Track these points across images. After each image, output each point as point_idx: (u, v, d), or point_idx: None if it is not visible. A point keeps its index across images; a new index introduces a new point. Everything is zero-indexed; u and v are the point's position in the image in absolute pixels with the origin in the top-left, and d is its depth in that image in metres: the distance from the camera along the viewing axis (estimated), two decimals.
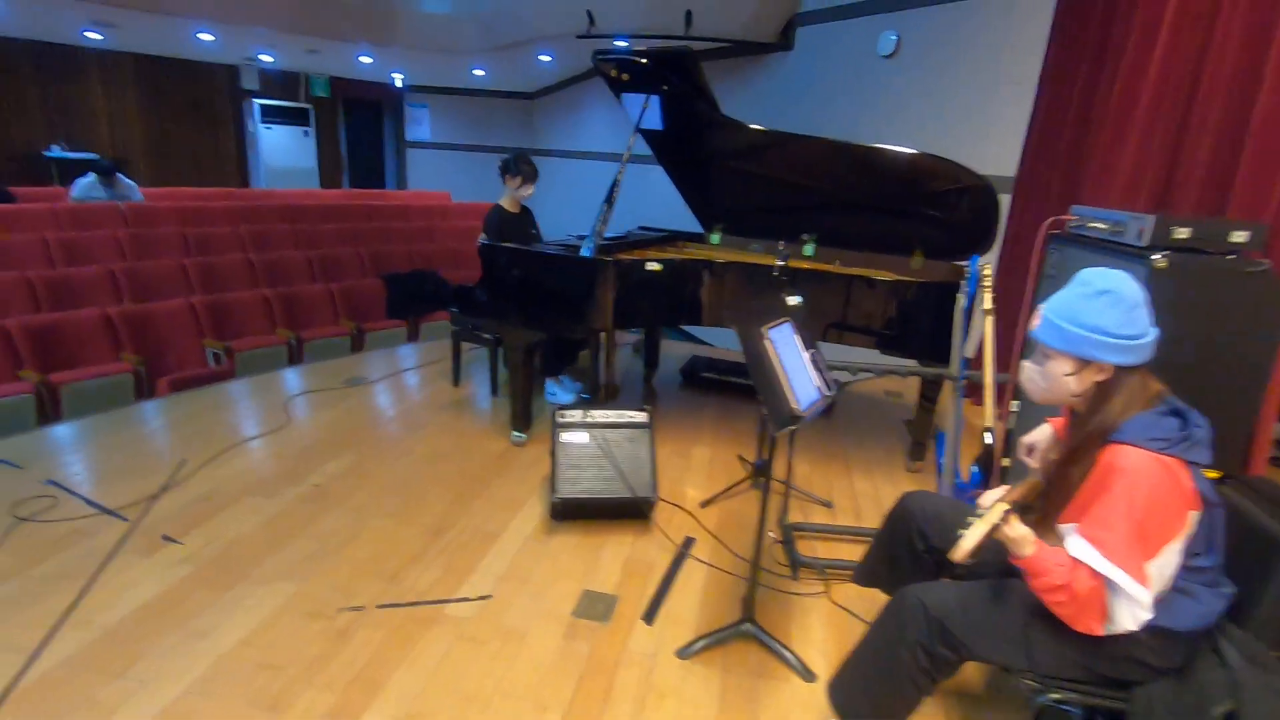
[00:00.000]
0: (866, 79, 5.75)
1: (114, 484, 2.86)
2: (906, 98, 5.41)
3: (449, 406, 3.92)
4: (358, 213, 8.43)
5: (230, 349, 4.70)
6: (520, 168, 3.81)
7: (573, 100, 10.33)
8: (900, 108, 5.46)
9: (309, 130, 9.97)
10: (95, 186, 6.88)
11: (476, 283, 3.27)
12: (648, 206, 7.10)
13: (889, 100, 5.57)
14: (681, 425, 3.82)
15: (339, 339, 5.34)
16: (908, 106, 5.40)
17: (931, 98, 5.20)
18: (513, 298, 3.15)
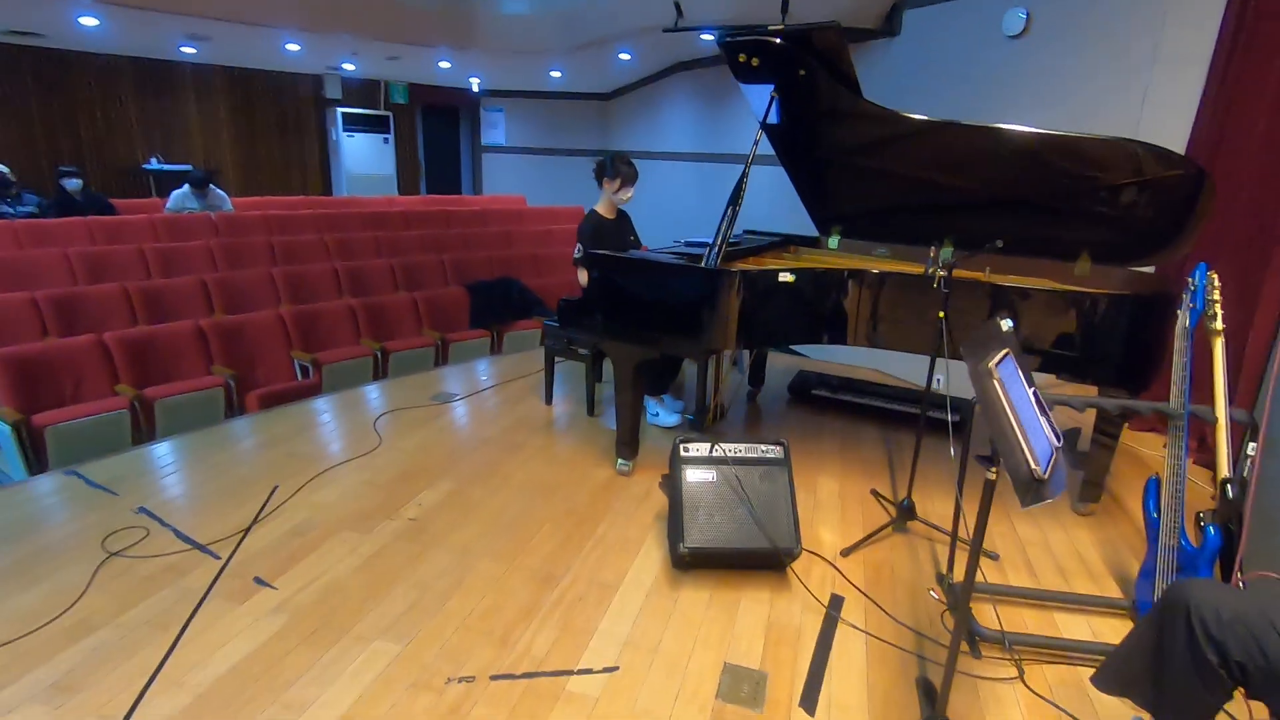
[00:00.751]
0: (985, 63, 5.20)
1: (205, 513, 2.69)
2: (1035, 81, 4.84)
3: (544, 427, 3.64)
4: (437, 219, 8.36)
5: (317, 361, 4.57)
6: (619, 169, 3.50)
7: (649, 99, 10.03)
8: (1026, 93, 4.90)
9: (388, 137, 10.01)
10: (189, 197, 6.99)
11: (582, 294, 2.96)
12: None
13: (1013, 85, 5.01)
14: (801, 453, 3.42)
15: (423, 350, 5.17)
16: (1036, 91, 4.83)
17: (1065, 80, 4.63)
18: (624, 312, 2.84)
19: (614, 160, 3.50)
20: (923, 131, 3.00)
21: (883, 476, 3.22)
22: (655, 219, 10.26)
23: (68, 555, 2.39)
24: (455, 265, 6.66)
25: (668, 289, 2.72)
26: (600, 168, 3.56)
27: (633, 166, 3.51)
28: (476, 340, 5.51)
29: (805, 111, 3.02)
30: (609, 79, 10.25)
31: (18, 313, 4.46)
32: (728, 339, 2.67)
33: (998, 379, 1.41)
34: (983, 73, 5.23)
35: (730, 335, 2.66)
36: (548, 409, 3.90)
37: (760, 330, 2.71)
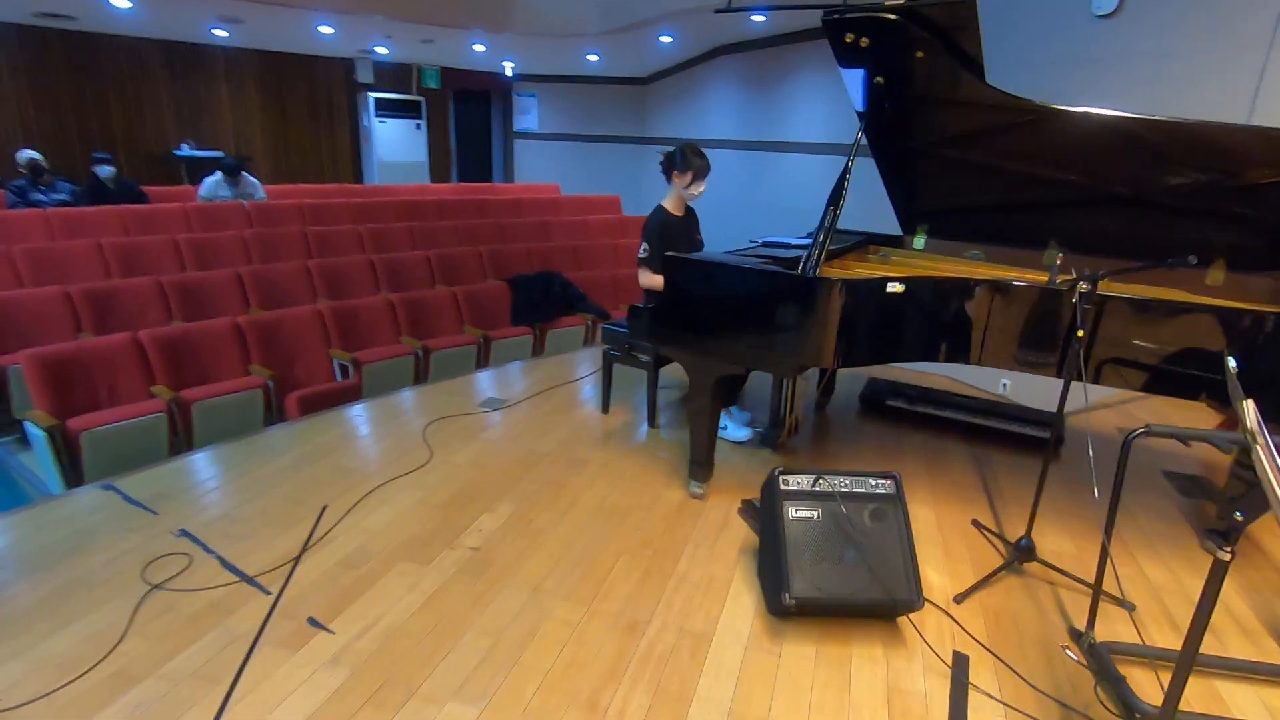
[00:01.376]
0: (1067, 43, 4.80)
1: (251, 537, 2.48)
2: (1124, 64, 4.45)
3: (604, 440, 3.39)
4: (471, 208, 8.12)
5: (358, 361, 4.36)
6: (691, 161, 3.21)
7: (689, 84, 9.67)
8: (1111, 76, 4.51)
9: (420, 123, 9.77)
10: (221, 185, 6.81)
11: (652, 300, 2.69)
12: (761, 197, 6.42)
13: (1096, 67, 4.62)
14: None
15: (465, 349, 4.94)
16: (1125, 74, 4.44)
17: (1160, 62, 4.23)
18: (706, 323, 2.56)
19: (684, 152, 3.22)
20: (1042, 119, 2.66)
21: (980, 503, 2.93)
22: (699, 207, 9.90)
23: (106, 588, 2.19)
24: (493, 258, 6.42)
25: (759, 298, 2.44)
26: (669, 160, 3.27)
27: (705, 158, 3.22)
28: (519, 338, 5.27)
29: (912, 97, 2.70)
30: (647, 63, 9.90)
31: (51, 308, 4.29)
32: (825, 355, 2.39)
33: (1263, 443, 1.12)
34: (1064, 54, 4.84)
35: (829, 351, 2.38)
36: (605, 418, 3.65)
37: (864, 346, 2.42)
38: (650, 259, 3.23)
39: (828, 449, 3.40)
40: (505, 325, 5.41)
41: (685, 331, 2.62)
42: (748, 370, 2.64)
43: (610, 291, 6.23)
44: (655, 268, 3.26)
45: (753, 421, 3.54)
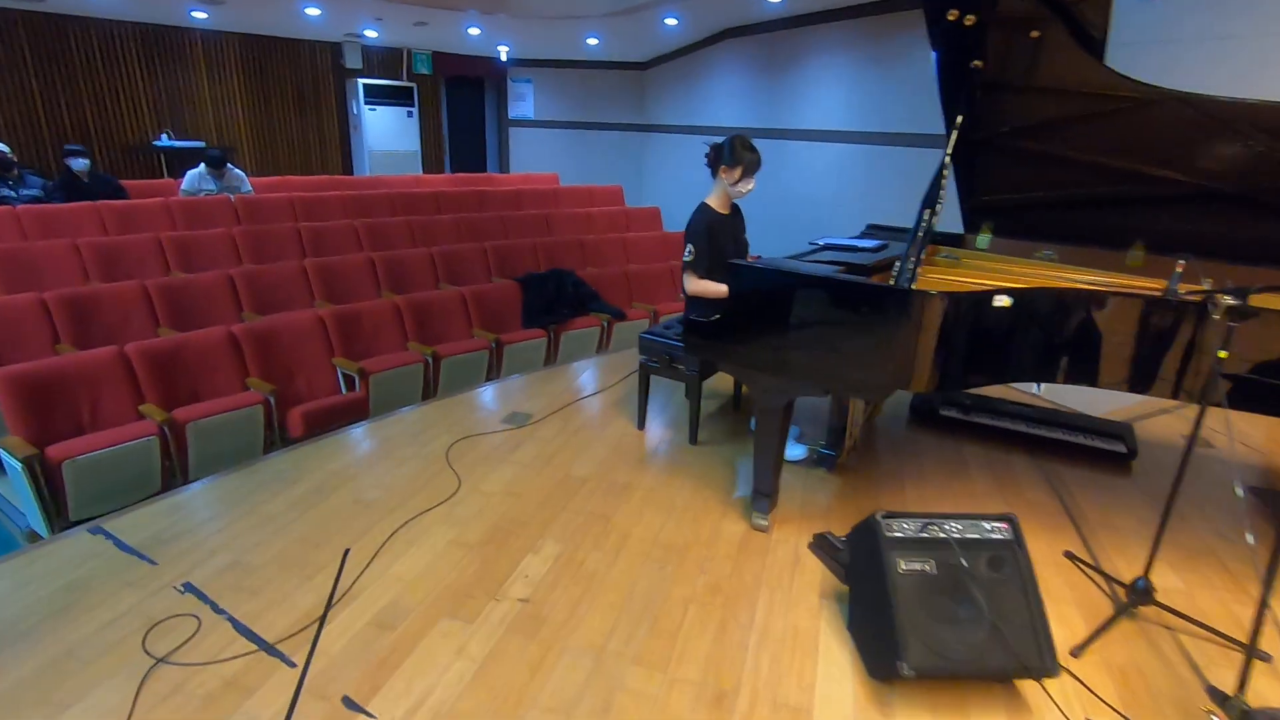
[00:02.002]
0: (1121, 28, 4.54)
1: (265, 591, 2.17)
2: (1171, 48, 4.19)
3: (645, 461, 3.10)
4: (469, 200, 7.75)
5: (364, 370, 4.02)
6: (740, 155, 2.91)
7: (692, 69, 9.32)
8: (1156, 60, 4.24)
9: (412, 111, 9.33)
10: (205, 178, 6.40)
11: (721, 313, 2.40)
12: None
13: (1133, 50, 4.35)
14: (947, 493, 2.89)
15: (476, 354, 4.61)
16: (1174, 59, 4.18)
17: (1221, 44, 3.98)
18: (779, 340, 2.27)
19: (734, 144, 2.91)
20: (1148, 104, 2.39)
21: (1066, 530, 2.69)
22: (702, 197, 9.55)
23: (103, 662, 1.88)
24: (497, 255, 6.08)
25: (846, 313, 2.15)
26: (715, 153, 2.97)
27: (756, 152, 2.92)
28: (532, 342, 4.95)
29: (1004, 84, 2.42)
30: (649, 46, 9.54)
31: (26, 317, 3.91)
32: (920, 377, 2.11)
33: None
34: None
35: (924, 373, 2.10)
36: (642, 435, 3.36)
37: (965, 366, 2.14)
38: (696, 262, 2.94)
39: (886, 467, 3.14)
40: (516, 328, 5.09)
41: (755, 349, 2.33)
42: (826, 393, 2.37)
43: (623, 289, 5.91)
44: (701, 271, 2.97)
45: (803, 436, 3.27)
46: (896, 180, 6.31)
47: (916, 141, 6.10)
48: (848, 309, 2.14)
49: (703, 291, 2.95)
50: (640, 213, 8.22)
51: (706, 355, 2.50)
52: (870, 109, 6.55)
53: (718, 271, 3.02)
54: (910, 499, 2.86)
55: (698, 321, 2.47)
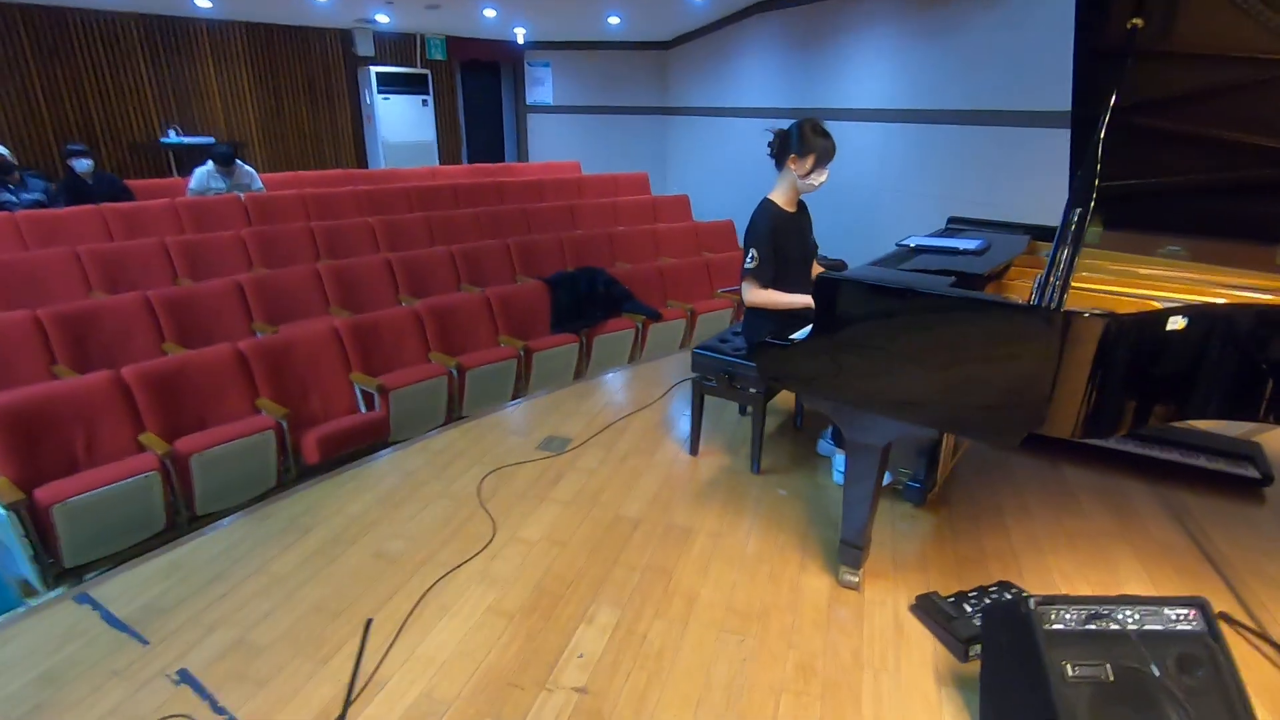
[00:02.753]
0: None
1: (275, 678, 1.83)
2: None
3: (704, 497, 2.72)
4: (489, 193, 7.37)
5: (384, 387, 3.67)
6: (811, 142, 2.49)
7: (718, 47, 8.82)
8: None
9: (427, 99, 8.94)
10: (214, 176, 6.08)
11: (810, 334, 2.00)
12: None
13: None
14: (1059, 532, 2.48)
15: (503, 364, 4.25)
16: None
17: None
18: (886, 370, 1.87)
19: (804, 130, 2.49)
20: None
21: (1209, 579, 2.26)
22: (725, 184, 9.17)
23: None
24: (521, 252, 5.69)
25: (969, 339, 1.74)
26: (782, 141, 2.55)
27: (830, 138, 2.50)
28: (563, 348, 4.57)
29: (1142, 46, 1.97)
30: (672, 24, 9.04)
31: (19, 337, 3.60)
32: (1064, 419, 1.70)
33: None
34: None
35: (1070, 415, 1.69)
36: (696, 463, 2.98)
37: (1126, 406, 1.72)
38: (760, 269, 2.53)
39: (981, 498, 2.73)
40: (544, 333, 4.71)
41: (851, 379, 1.92)
42: (940, 434, 1.97)
43: (657, 287, 5.50)
44: (766, 280, 2.56)
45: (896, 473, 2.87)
46: (947, 160, 5.82)
47: (969, 119, 5.61)
48: (978, 334, 1.73)
49: (767, 303, 2.55)
50: (668, 201, 7.78)
51: (785, 383, 2.10)
52: (918, 85, 6.05)
53: (784, 279, 2.62)
54: (1018, 541, 2.45)
55: (775, 344, 2.06)
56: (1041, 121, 4.84)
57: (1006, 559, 2.35)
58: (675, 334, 5.19)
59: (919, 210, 5.94)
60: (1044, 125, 4.82)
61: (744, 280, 2.58)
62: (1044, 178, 4.83)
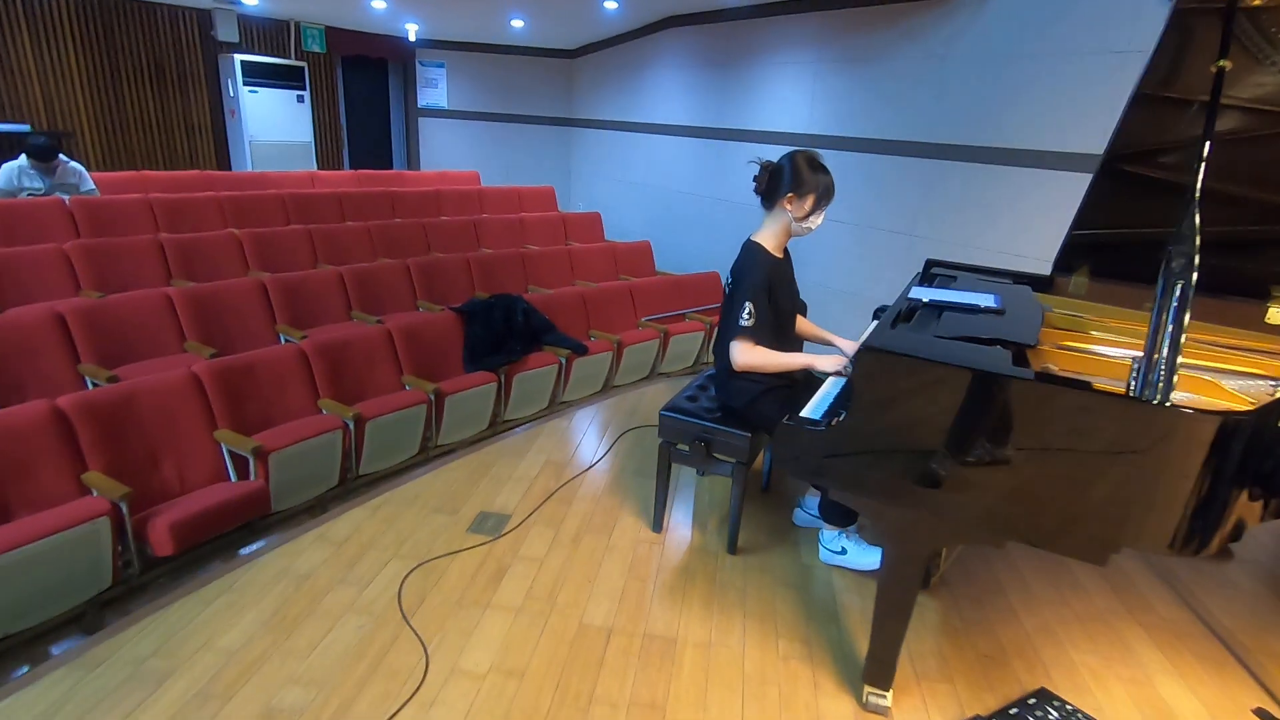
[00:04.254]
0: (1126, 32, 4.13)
1: None
2: None
3: (678, 591, 2.29)
4: (380, 204, 6.60)
5: (261, 450, 2.96)
6: (810, 179, 2.15)
7: (627, 59, 8.49)
8: None
9: (303, 95, 7.95)
10: (28, 173, 4.95)
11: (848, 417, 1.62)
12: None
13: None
14: (1068, 616, 2.27)
15: (410, 411, 3.61)
16: None
17: None
18: (937, 464, 1.52)
19: (798, 164, 2.14)
20: None
21: (1228, 666, 2.11)
22: (632, 205, 8.84)
23: None
24: (424, 274, 5.03)
25: (1051, 432, 1.42)
26: (773, 176, 2.19)
27: (829, 174, 2.16)
28: (480, 389, 3.98)
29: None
30: (581, 32, 8.61)
31: None
32: (1160, 531, 1.42)
33: None
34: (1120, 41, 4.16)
35: (1168, 525, 1.41)
36: (660, 541, 2.54)
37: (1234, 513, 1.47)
38: (758, 327, 2.15)
39: (980, 580, 2.48)
40: (458, 372, 4.10)
41: (897, 473, 1.56)
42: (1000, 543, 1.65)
43: (578, 315, 5.02)
44: (765, 338, 2.19)
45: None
46: (866, 190, 5.78)
47: (891, 149, 5.59)
48: (1078, 429, 1.42)
49: (764, 365, 2.17)
50: (579, 219, 7.34)
51: (820, 479, 1.71)
52: (838, 111, 5.99)
53: (777, 337, 2.25)
54: (1032, 629, 2.21)
55: (808, 429, 1.67)
56: (966, 156, 4.85)
57: (1029, 655, 2.09)
58: (600, 369, 4.73)
59: (836, 239, 5.86)
60: (969, 160, 4.83)
61: (736, 340, 2.19)
62: (969, 211, 4.84)
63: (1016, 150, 4.54)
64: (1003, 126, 4.61)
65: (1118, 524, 1.41)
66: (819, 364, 2.19)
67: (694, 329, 5.26)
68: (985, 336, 1.71)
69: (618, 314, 5.29)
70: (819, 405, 1.92)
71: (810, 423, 1.67)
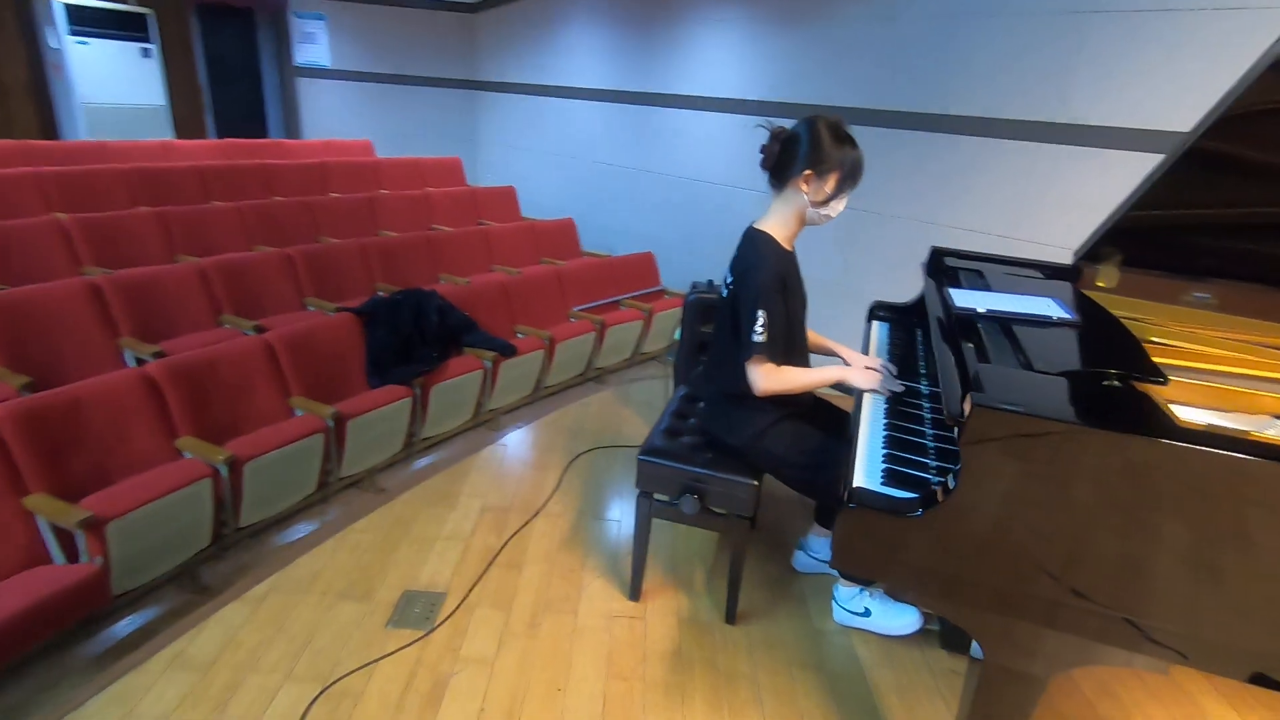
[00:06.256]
0: None
1: None
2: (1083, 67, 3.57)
3: (675, 690, 1.78)
4: (253, 180, 5.61)
5: (95, 520, 2.20)
6: (833, 154, 1.66)
7: (536, 16, 7.68)
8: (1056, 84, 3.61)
9: (150, 48, 6.67)
10: None
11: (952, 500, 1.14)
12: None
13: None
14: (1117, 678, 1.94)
15: (304, 445, 2.88)
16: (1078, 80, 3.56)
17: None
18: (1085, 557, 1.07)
19: (819, 135, 1.63)
20: None
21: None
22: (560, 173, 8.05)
23: None
24: (312, 266, 4.22)
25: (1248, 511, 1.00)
26: (787, 148, 1.67)
27: (859, 148, 1.66)
28: (390, 408, 3.29)
29: None
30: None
31: None
32: None
33: None
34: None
35: None
36: (641, 615, 2.02)
37: None
38: (774, 343, 1.64)
39: None
40: (362, 388, 3.39)
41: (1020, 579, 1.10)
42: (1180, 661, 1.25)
43: (500, 309, 4.36)
44: (780, 354, 1.68)
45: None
46: None
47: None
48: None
49: (787, 388, 1.68)
50: (491, 194, 6.59)
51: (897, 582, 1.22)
52: (777, 75, 5.52)
53: (789, 351, 1.75)
54: (1091, 694, 1.86)
55: (861, 512, 1.17)
56: (923, 125, 4.51)
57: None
58: (531, 370, 4.11)
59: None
60: (925, 129, 4.49)
61: (752, 362, 1.67)
62: (923, 181, 4.51)
63: (969, 119, 4.23)
64: (955, 92, 4.28)
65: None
66: (852, 379, 1.73)
67: (631, 318, 4.72)
68: (1102, 369, 1.27)
69: (546, 305, 4.66)
70: (872, 459, 1.44)
71: (896, 504, 1.17)
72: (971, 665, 1.31)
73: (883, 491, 1.27)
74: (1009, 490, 1.10)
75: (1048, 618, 1.15)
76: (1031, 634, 1.17)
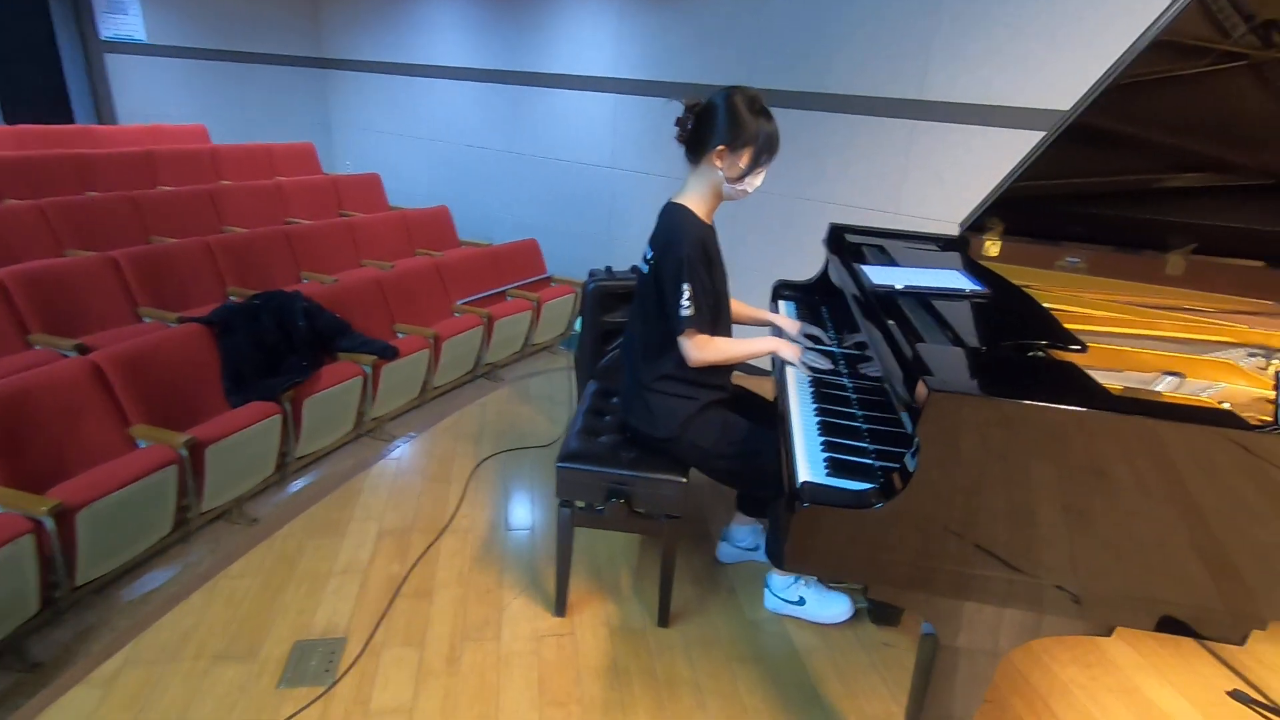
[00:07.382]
0: None
1: None
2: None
3: (615, 705, 1.67)
4: (60, 173, 4.82)
5: None
6: (748, 127, 1.58)
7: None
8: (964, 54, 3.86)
9: None
10: None
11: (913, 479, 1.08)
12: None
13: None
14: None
15: (153, 481, 2.47)
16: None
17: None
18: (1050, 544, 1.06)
19: (735, 107, 1.56)
20: None
21: (1200, 659, 2.03)
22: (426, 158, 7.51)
23: None
24: (144, 272, 3.67)
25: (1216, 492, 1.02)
26: (701, 121, 1.58)
27: (774, 122, 1.59)
28: (255, 429, 2.90)
29: None
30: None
31: None
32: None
33: None
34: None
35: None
36: (569, 632, 1.88)
37: None
38: (700, 315, 1.55)
39: None
40: (221, 409, 2.97)
41: (974, 560, 1.08)
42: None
43: (379, 308, 3.99)
44: (707, 326, 1.60)
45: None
46: None
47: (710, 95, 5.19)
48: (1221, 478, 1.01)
49: (720, 358, 1.61)
50: (353, 182, 6.08)
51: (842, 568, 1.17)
52: (649, 53, 5.43)
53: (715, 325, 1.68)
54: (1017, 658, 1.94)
55: (799, 503, 1.11)
56: (794, 103, 4.58)
57: (1025, 691, 1.81)
58: (416, 372, 3.80)
59: (657, 193, 5.41)
60: (797, 106, 4.57)
61: (684, 336, 1.57)
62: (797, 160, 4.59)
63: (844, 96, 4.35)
64: (830, 70, 4.38)
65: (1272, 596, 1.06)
66: (782, 352, 1.69)
67: (520, 309, 4.49)
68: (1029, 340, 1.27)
69: (426, 300, 4.33)
70: (811, 449, 1.37)
71: (853, 498, 1.11)
72: (923, 641, 1.29)
73: (834, 484, 1.21)
74: (967, 472, 1.06)
75: (1002, 596, 1.14)
76: (990, 613, 1.16)
